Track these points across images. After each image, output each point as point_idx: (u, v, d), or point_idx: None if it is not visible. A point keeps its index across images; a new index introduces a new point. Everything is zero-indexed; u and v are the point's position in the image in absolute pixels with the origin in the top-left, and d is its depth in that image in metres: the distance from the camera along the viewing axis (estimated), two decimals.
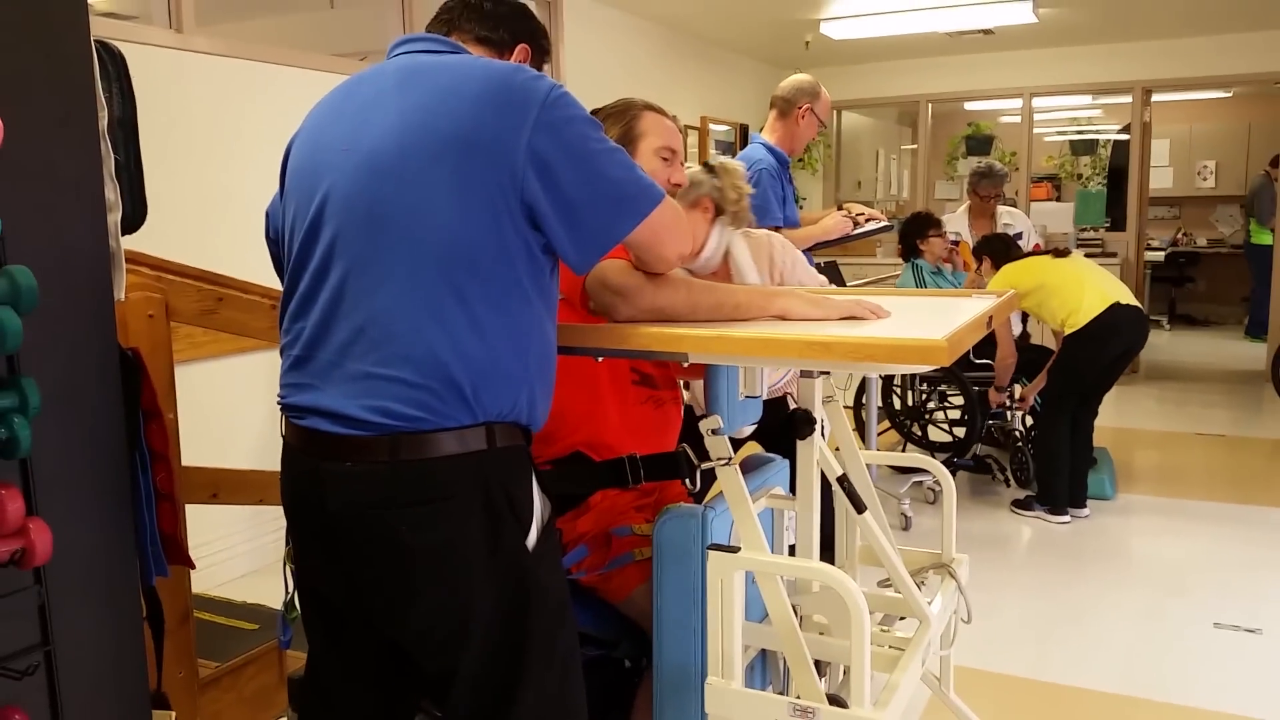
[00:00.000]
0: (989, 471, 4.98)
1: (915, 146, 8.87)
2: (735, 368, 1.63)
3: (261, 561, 3.81)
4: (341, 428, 1.33)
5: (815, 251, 3.54)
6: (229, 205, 3.67)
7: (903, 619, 2.02)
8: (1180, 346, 9.44)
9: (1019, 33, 7.17)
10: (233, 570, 3.71)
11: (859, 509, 1.79)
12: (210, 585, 3.46)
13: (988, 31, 7.06)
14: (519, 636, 1.38)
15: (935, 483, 4.62)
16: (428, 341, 1.30)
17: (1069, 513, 4.35)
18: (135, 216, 1.52)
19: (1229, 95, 10.24)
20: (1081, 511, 4.38)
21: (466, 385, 1.32)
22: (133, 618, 1.37)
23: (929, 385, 5.04)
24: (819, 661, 1.73)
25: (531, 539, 1.39)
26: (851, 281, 5.35)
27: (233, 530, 3.74)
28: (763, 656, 1.85)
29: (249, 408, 3.77)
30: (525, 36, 1.60)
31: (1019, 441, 4.86)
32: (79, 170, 1.28)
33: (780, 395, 2.38)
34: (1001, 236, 4.81)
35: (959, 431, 4.98)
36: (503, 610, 1.36)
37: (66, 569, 1.24)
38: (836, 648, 1.77)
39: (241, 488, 2.45)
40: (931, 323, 1.60)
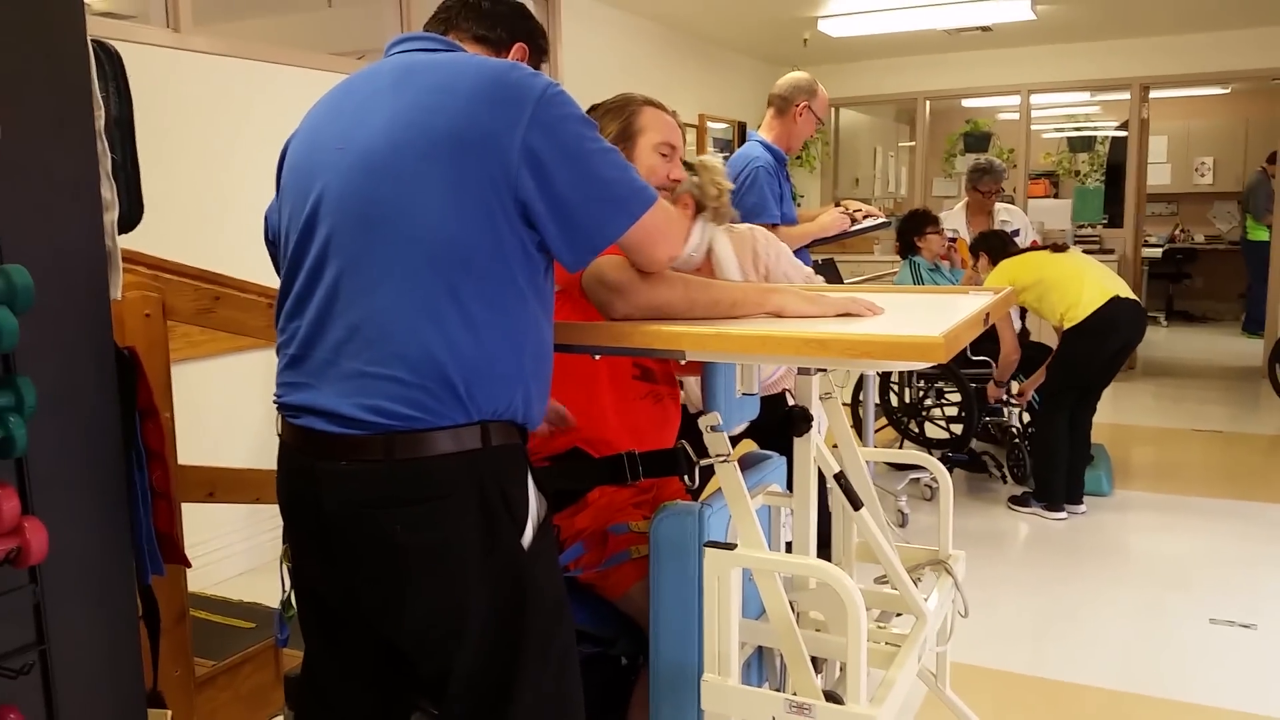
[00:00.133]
0: (984, 469, 4.98)
1: (913, 144, 8.87)
2: (732, 365, 1.63)
3: (258, 560, 3.81)
4: (336, 426, 1.33)
5: (813, 248, 3.54)
6: (226, 204, 3.67)
7: (899, 615, 2.03)
8: (1177, 343, 9.45)
9: (1017, 30, 7.17)
10: (229, 569, 3.71)
11: (856, 506, 1.79)
12: (207, 584, 3.46)
13: (986, 28, 7.06)
14: (515, 635, 1.37)
15: (932, 480, 4.62)
16: (422, 340, 1.30)
17: (1066, 509, 4.36)
18: (132, 215, 1.52)
19: (1226, 92, 10.25)
20: (1078, 508, 4.39)
21: (461, 384, 1.32)
22: (129, 616, 1.37)
23: (926, 382, 5.04)
24: (815, 658, 1.73)
25: (527, 538, 1.39)
26: (849, 279, 5.35)
27: (229, 529, 3.74)
28: (759, 653, 1.85)
29: (246, 406, 3.77)
30: (523, 35, 1.60)
31: (1016, 438, 4.87)
32: (75, 169, 1.28)
33: (778, 392, 2.38)
34: (998, 233, 4.81)
35: (956, 429, 4.99)
36: (499, 609, 1.36)
37: (62, 568, 1.24)
38: (833, 644, 1.78)
39: (238, 486, 2.44)
40: (929, 319, 1.60)
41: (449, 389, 1.31)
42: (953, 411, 5.07)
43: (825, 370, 1.86)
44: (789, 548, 1.87)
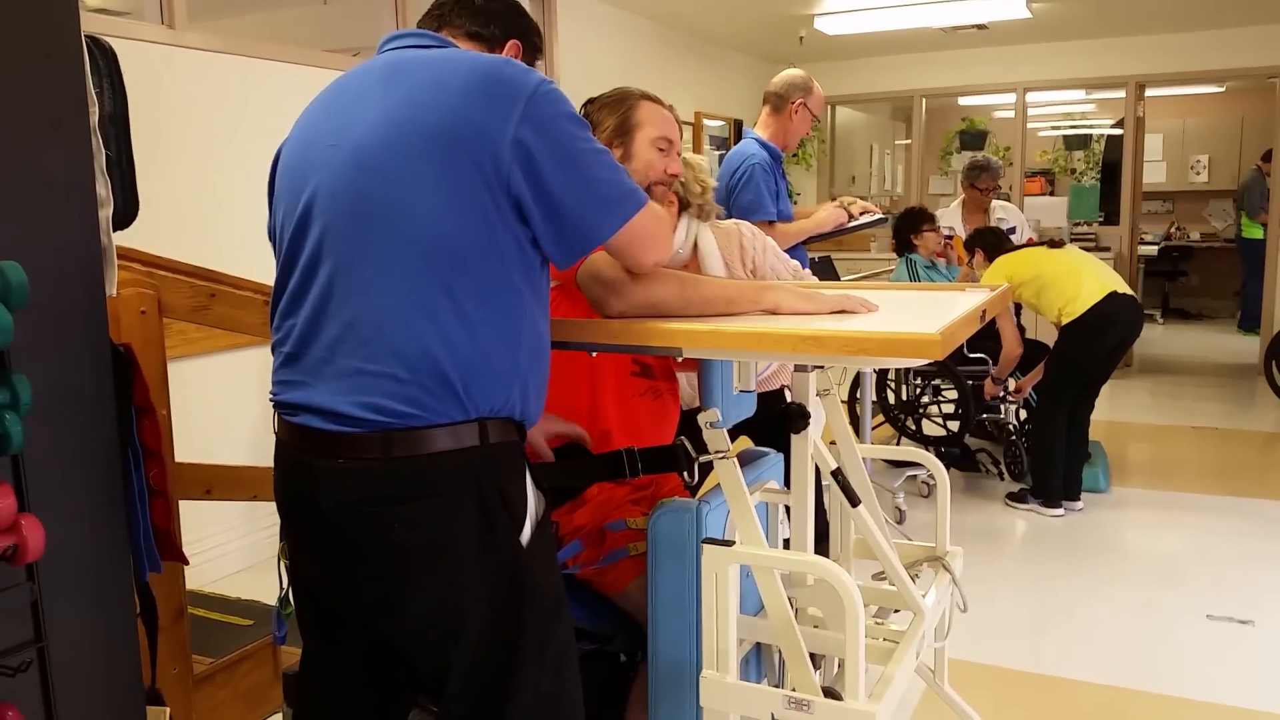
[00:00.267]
0: (976, 468, 4.98)
1: (909, 142, 8.88)
2: (729, 362, 1.63)
3: (256, 557, 3.80)
4: (333, 424, 1.33)
5: (810, 245, 3.54)
6: (221, 201, 3.66)
7: (897, 611, 2.03)
8: (1173, 340, 9.47)
9: (1013, 27, 7.17)
10: (227, 566, 3.70)
11: (854, 503, 1.79)
12: (204, 581, 3.46)
13: (981, 26, 7.06)
14: (513, 633, 1.37)
15: (930, 477, 4.63)
16: (418, 337, 1.30)
17: (1063, 506, 4.36)
18: (127, 212, 1.51)
19: (1222, 90, 10.27)
20: (1075, 504, 4.39)
21: (457, 381, 1.31)
22: (126, 614, 1.37)
23: (923, 379, 5.05)
24: (813, 654, 1.73)
25: (526, 535, 1.38)
26: (846, 276, 5.36)
27: (227, 526, 3.73)
28: (757, 650, 1.85)
29: (242, 404, 3.76)
30: (516, 33, 1.60)
31: (1013, 435, 4.87)
32: (70, 166, 1.28)
33: (777, 389, 2.38)
34: (993, 229, 4.82)
35: (954, 425, 4.99)
36: (497, 607, 1.36)
37: (59, 565, 1.24)
38: (831, 641, 1.78)
39: (235, 484, 2.44)
40: (925, 316, 1.60)
41: (446, 386, 1.31)
42: (950, 409, 5.07)
43: (822, 367, 1.86)
44: (786, 544, 1.87)
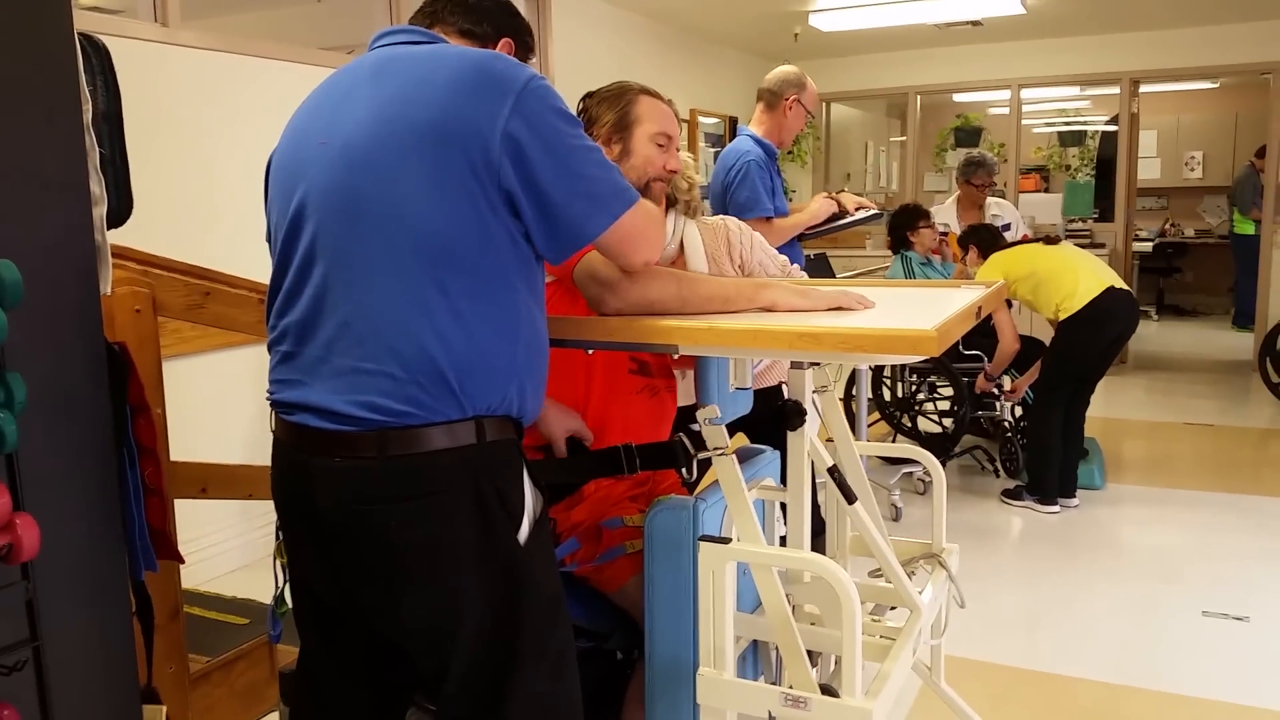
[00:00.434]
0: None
1: (904, 138, 8.88)
2: (725, 359, 1.63)
3: (251, 556, 3.80)
4: (330, 423, 1.33)
5: (805, 242, 3.54)
6: (216, 199, 3.66)
7: (893, 609, 2.03)
8: (1168, 337, 9.48)
9: (1007, 24, 7.17)
10: (222, 565, 3.69)
11: (850, 500, 1.79)
12: (200, 580, 3.45)
13: (976, 23, 7.07)
14: (511, 632, 1.37)
15: (925, 474, 4.63)
16: (413, 335, 1.30)
17: (1059, 503, 4.37)
18: (121, 210, 1.51)
19: (1216, 86, 10.28)
20: (1071, 501, 4.40)
21: (454, 378, 1.31)
22: (122, 613, 1.37)
23: (918, 377, 5.05)
24: (810, 651, 1.73)
25: (523, 534, 1.38)
26: (841, 273, 5.36)
27: (222, 525, 3.73)
28: (754, 647, 1.85)
29: (237, 402, 3.76)
30: (509, 31, 1.59)
31: (1008, 432, 4.88)
32: (64, 164, 1.27)
33: (774, 386, 2.38)
34: (987, 226, 4.82)
35: (949, 423, 5.00)
36: (494, 606, 1.36)
37: (54, 564, 1.23)
38: (828, 638, 1.78)
39: (230, 482, 2.44)
40: (921, 313, 1.60)
41: (442, 384, 1.31)
42: (945, 406, 5.08)
43: (818, 364, 1.85)
44: (783, 542, 1.87)
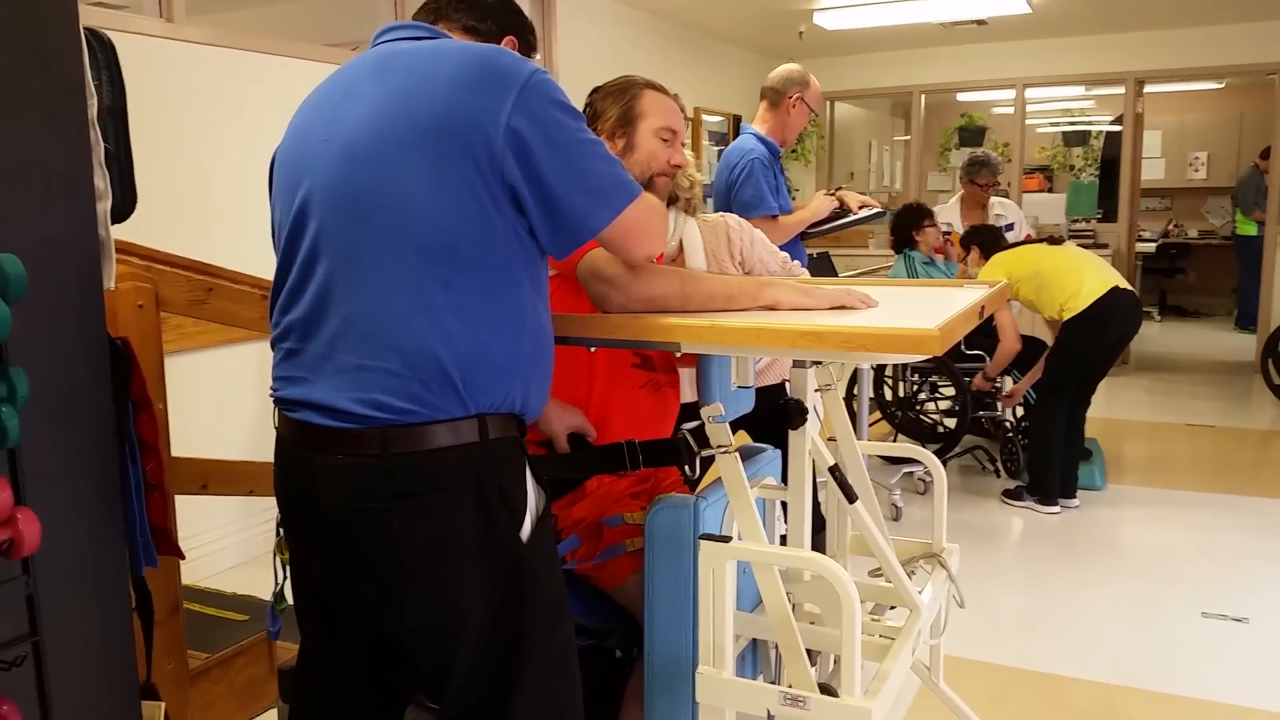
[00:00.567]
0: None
1: (908, 138, 8.87)
2: (727, 358, 1.63)
3: (251, 553, 3.80)
4: (333, 420, 1.33)
5: (808, 241, 3.54)
6: (219, 195, 3.66)
7: (893, 608, 2.03)
8: (1171, 337, 9.47)
9: (1012, 23, 7.16)
10: (222, 561, 3.70)
11: (850, 499, 1.79)
12: (200, 576, 3.46)
13: (981, 22, 7.06)
14: (515, 629, 1.37)
15: (926, 473, 4.63)
16: (416, 332, 1.30)
17: (1059, 503, 4.37)
18: (125, 205, 1.51)
19: (1221, 86, 10.26)
20: (1071, 502, 4.39)
21: (457, 375, 1.31)
22: (122, 608, 1.37)
23: (920, 376, 5.05)
24: (810, 650, 1.73)
25: (526, 531, 1.38)
26: (844, 272, 5.36)
27: (223, 521, 3.73)
28: (753, 646, 1.85)
29: (239, 398, 3.76)
30: (513, 29, 1.59)
31: (1009, 432, 4.87)
32: (68, 159, 1.28)
33: (778, 384, 2.38)
34: (989, 227, 4.82)
35: (950, 422, 4.99)
36: (497, 603, 1.36)
37: (55, 559, 1.24)
38: (827, 637, 1.78)
39: (232, 479, 2.44)
40: (924, 312, 1.60)
41: (445, 381, 1.30)
42: (945, 406, 5.07)
43: (820, 363, 1.85)
44: (783, 540, 1.87)
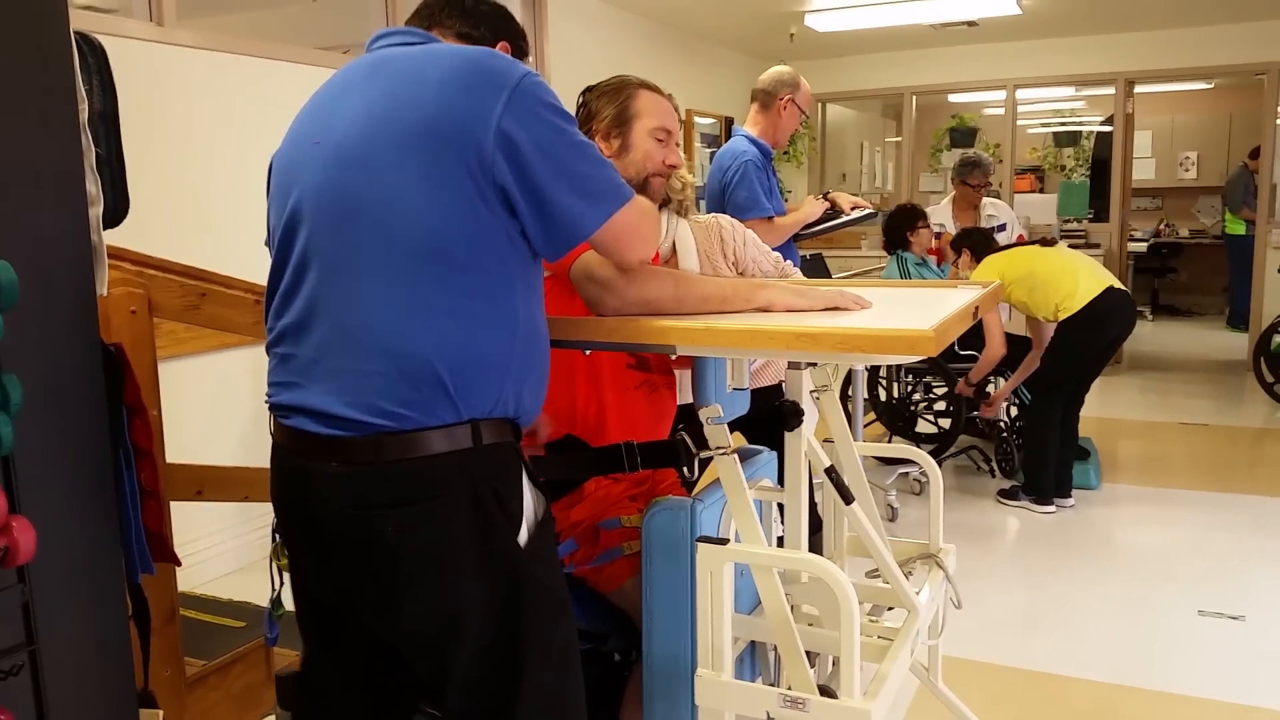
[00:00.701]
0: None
1: (899, 139, 8.88)
2: (722, 360, 1.63)
3: (247, 559, 3.79)
4: (326, 427, 1.32)
5: (801, 243, 3.55)
6: (211, 199, 3.65)
7: (891, 609, 2.03)
8: (1163, 337, 9.50)
9: (1003, 25, 7.18)
10: (218, 568, 3.69)
11: (847, 500, 1.79)
12: (196, 583, 3.45)
13: (971, 23, 7.07)
14: (513, 636, 1.36)
15: (921, 474, 4.63)
16: (407, 334, 1.29)
17: (1054, 503, 4.37)
18: (117, 211, 1.50)
19: (1210, 87, 10.30)
20: (1066, 501, 4.40)
21: (449, 378, 1.30)
22: (118, 616, 1.36)
23: (914, 377, 5.05)
24: (808, 652, 1.73)
25: (523, 536, 1.37)
26: (837, 273, 5.36)
27: (218, 527, 3.72)
28: (751, 648, 1.85)
29: (233, 404, 3.75)
30: (505, 35, 1.59)
31: (1004, 432, 4.88)
32: (60, 163, 1.27)
33: (771, 385, 2.38)
34: (981, 230, 4.82)
35: (945, 423, 5.00)
36: (496, 609, 1.35)
37: (50, 567, 1.23)
38: (825, 638, 1.77)
39: (227, 484, 2.43)
40: (919, 313, 1.60)
41: (437, 384, 1.30)
42: (937, 406, 5.08)
43: (815, 364, 1.85)
44: (780, 542, 1.87)
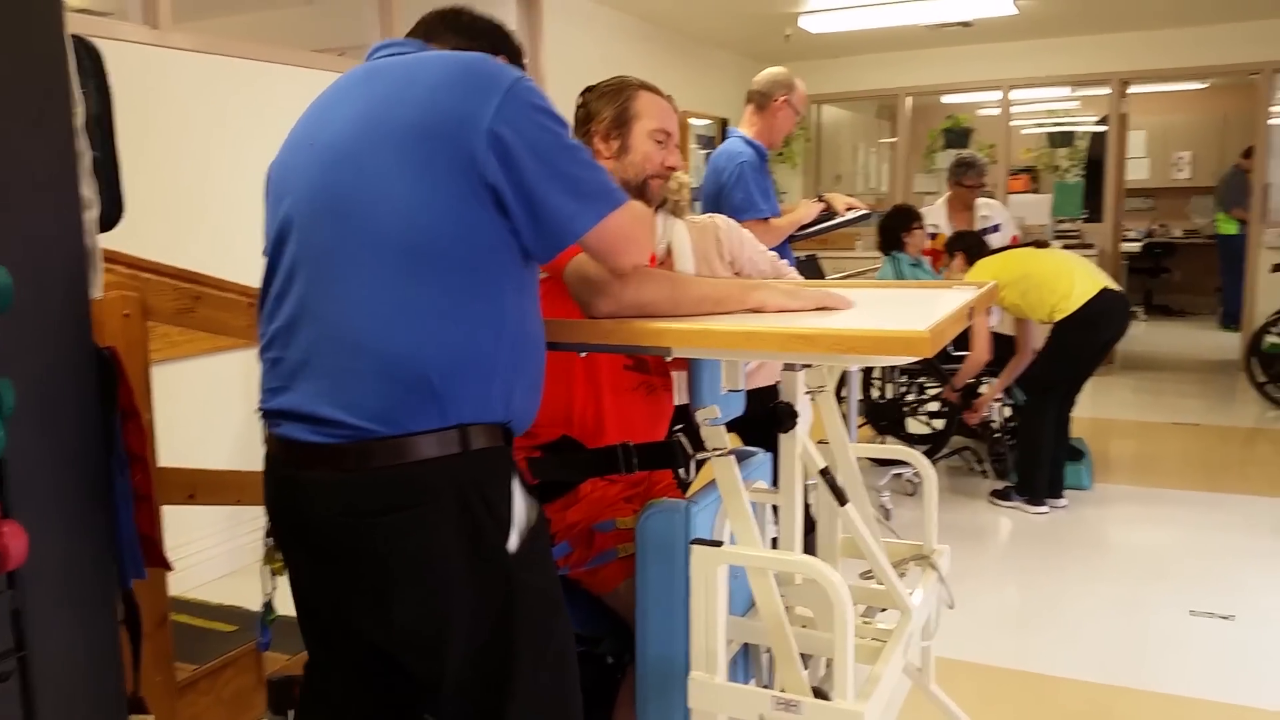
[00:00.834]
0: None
1: (894, 140, 8.89)
2: (717, 361, 1.63)
3: (239, 562, 3.78)
4: (314, 434, 1.31)
5: (796, 244, 3.55)
6: (206, 203, 3.64)
7: (884, 610, 2.03)
8: (1156, 337, 9.52)
9: (997, 25, 7.20)
10: (210, 572, 3.68)
11: (841, 501, 1.79)
12: (187, 587, 3.43)
13: (966, 24, 7.08)
14: (505, 641, 1.35)
15: (915, 475, 4.63)
16: (393, 333, 1.28)
17: (1047, 503, 4.38)
18: (112, 214, 1.49)
19: (1204, 87, 10.33)
20: (1059, 502, 4.41)
21: (436, 379, 1.29)
22: (109, 621, 1.36)
23: (908, 378, 5.05)
24: (802, 654, 1.73)
25: (513, 542, 1.36)
26: (831, 274, 5.37)
27: (209, 531, 3.71)
28: (744, 650, 1.85)
29: (226, 407, 3.74)
30: (503, 50, 1.59)
31: (996, 432, 4.88)
32: (55, 167, 1.27)
33: (765, 387, 2.38)
34: (973, 233, 4.83)
35: (939, 423, 5.00)
36: (486, 615, 1.34)
37: (41, 572, 1.22)
38: (818, 640, 1.77)
39: (219, 488, 2.42)
40: (914, 314, 1.60)
41: (423, 385, 1.29)
42: (930, 407, 5.08)
43: (810, 366, 1.85)
44: (774, 544, 1.87)
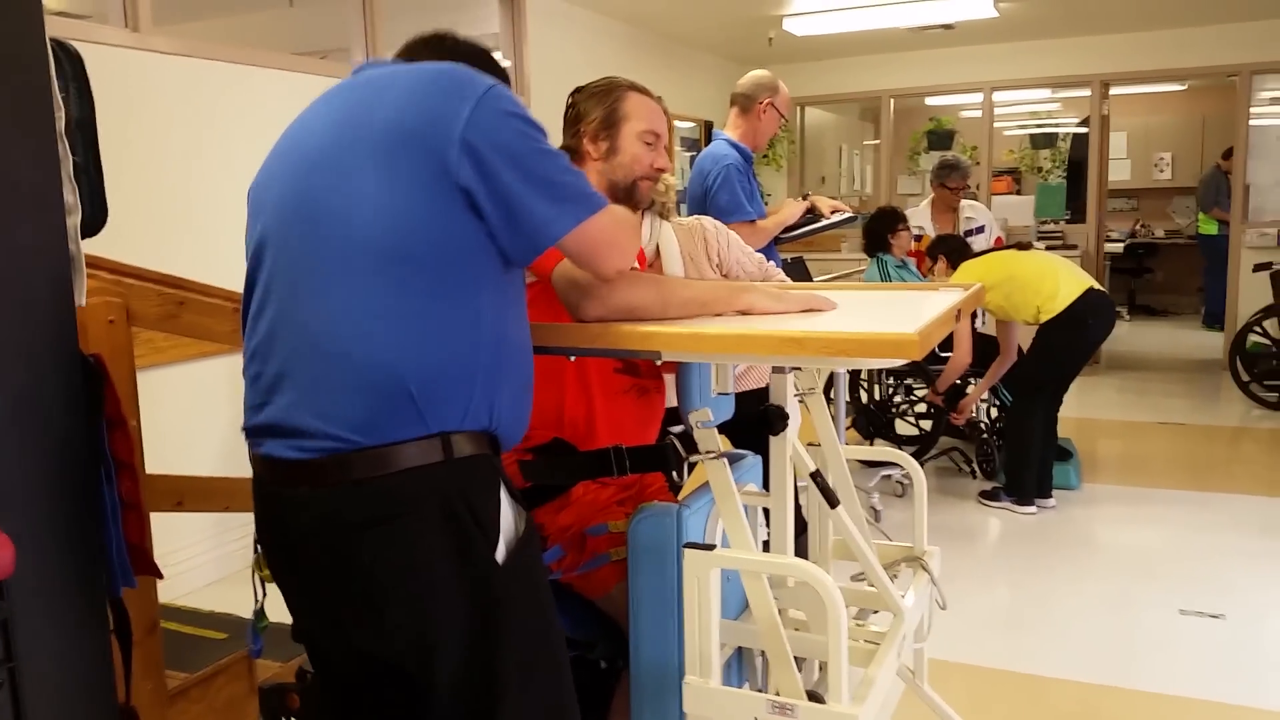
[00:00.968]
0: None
1: (878, 142, 8.93)
2: (707, 365, 1.62)
3: (228, 569, 3.76)
4: (294, 450, 1.30)
5: (782, 246, 3.55)
6: (189, 207, 3.61)
7: (876, 612, 2.03)
8: (1140, 337, 9.58)
9: (979, 27, 7.23)
10: (199, 579, 3.65)
11: (832, 504, 1.79)
12: (176, 594, 3.41)
13: (948, 26, 7.11)
14: (497, 649, 1.34)
15: (904, 476, 4.65)
16: (368, 339, 1.27)
17: (1035, 503, 4.39)
18: (95, 219, 1.48)
19: (1184, 88, 10.41)
20: (1047, 502, 4.42)
21: (414, 387, 1.27)
22: (99, 630, 1.35)
23: (895, 379, 5.07)
24: (795, 657, 1.73)
25: (501, 551, 1.34)
26: (818, 276, 5.37)
27: (198, 538, 3.68)
28: (738, 653, 1.85)
29: (212, 413, 3.72)
30: (487, 73, 1.58)
31: (984, 433, 4.90)
32: (37, 172, 1.25)
33: (755, 389, 2.38)
34: (956, 236, 4.85)
35: (926, 424, 5.01)
36: (473, 625, 1.32)
37: (30, 583, 1.21)
38: (812, 643, 1.77)
39: (206, 495, 2.40)
40: (902, 316, 1.60)
41: (401, 392, 1.27)
42: (918, 408, 5.10)
43: (799, 368, 1.85)
44: (765, 547, 1.87)
